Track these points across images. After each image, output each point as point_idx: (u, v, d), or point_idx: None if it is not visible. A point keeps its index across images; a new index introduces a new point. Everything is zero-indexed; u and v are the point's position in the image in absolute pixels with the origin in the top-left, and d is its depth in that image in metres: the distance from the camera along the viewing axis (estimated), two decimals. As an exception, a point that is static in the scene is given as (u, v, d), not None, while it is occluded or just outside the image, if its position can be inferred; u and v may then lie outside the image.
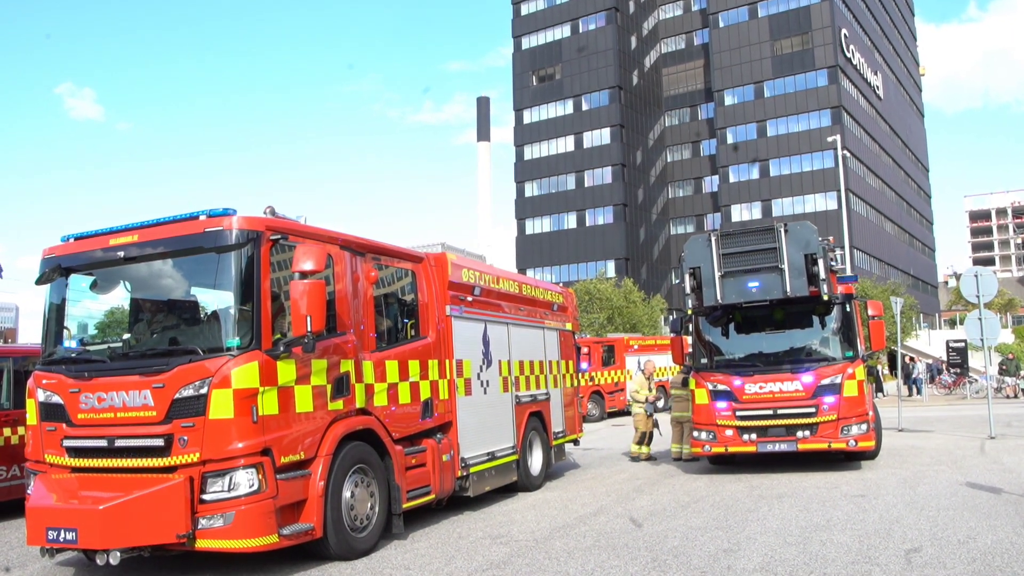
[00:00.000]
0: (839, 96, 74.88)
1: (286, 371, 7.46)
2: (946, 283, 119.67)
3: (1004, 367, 37.53)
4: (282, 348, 7.40)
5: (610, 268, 75.95)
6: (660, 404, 19.41)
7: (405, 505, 8.90)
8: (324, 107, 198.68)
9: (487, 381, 11.25)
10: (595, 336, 36.27)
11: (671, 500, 10.93)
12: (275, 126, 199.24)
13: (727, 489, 11.62)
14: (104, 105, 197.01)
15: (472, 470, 10.51)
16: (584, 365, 27.96)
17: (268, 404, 7.26)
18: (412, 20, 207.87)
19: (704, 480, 12.70)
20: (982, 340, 17.93)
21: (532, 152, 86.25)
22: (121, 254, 7.83)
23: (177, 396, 7.15)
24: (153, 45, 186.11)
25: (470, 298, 10.92)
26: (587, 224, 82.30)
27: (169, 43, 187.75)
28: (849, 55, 78.06)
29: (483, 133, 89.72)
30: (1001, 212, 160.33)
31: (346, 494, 8.05)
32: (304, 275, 7.32)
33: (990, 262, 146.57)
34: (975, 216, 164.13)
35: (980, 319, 17.77)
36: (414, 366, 9.52)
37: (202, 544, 7.01)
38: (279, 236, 7.63)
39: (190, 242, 7.55)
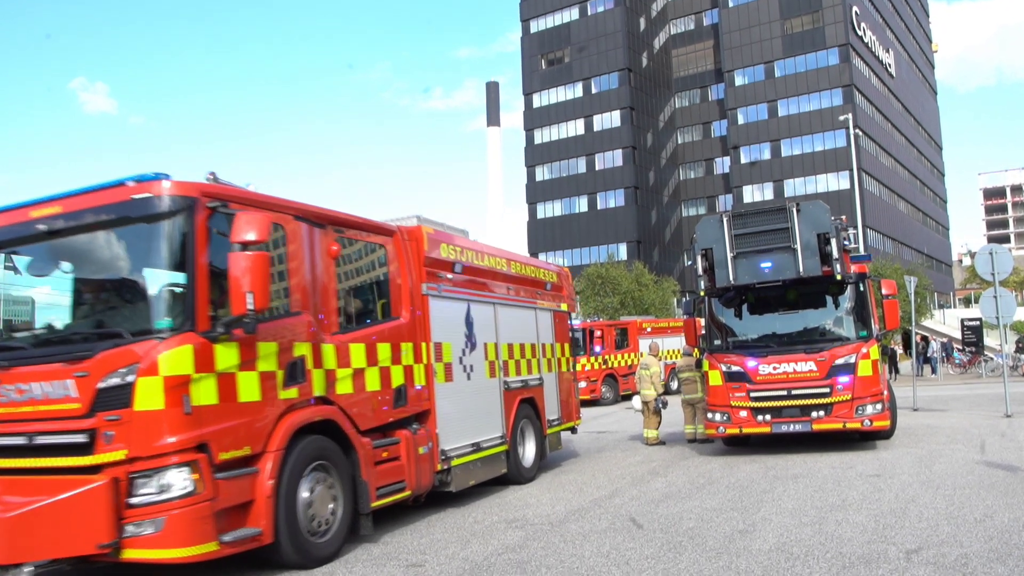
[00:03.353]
0: (851, 75, 74.21)
1: (226, 355, 6.60)
2: (960, 261, 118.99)
3: (1021, 345, 37.33)
4: (221, 329, 6.52)
5: (622, 251, 75.76)
6: (669, 393, 19.23)
7: (374, 503, 8.04)
8: (335, 96, 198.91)
9: (471, 366, 10.43)
10: (608, 320, 36.23)
11: (686, 482, 10.93)
12: (286, 116, 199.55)
13: (742, 470, 11.61)
14: (117, 99, 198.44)
15: (454, 463, 9.66)
16: (597, 348, 28.17)
17: (204, 393, 6.41)
18: (420, 8, 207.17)
19: (719, 461, 12.69)
20: (998, 318, 17.81)
21: (542, 136, 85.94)
22: (43, 227, 6.94)
23: (101, 385, 6.32)
24: (165, 38, 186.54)
25: (450, 276, 10.08)
26: (598, 207, 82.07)
27: (180, 36, 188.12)
28: (860, 33, 77.29)
29: (493, 118, 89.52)
30: (1016, 189, 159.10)
31: (303, 494, 7.18)
32: (246, 246, 6.44)
33: (1005, 240, 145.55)
34: (989, 194, 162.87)
35: (996, 297, 17.66)
36: (384, 350, 8.63)
37: (129, 554, 6.18)
38: (218, 204, 6.72)
39: (117, 211, 6.66)
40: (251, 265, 6.42)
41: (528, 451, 11.90)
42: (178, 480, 6.22)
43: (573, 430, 14.15)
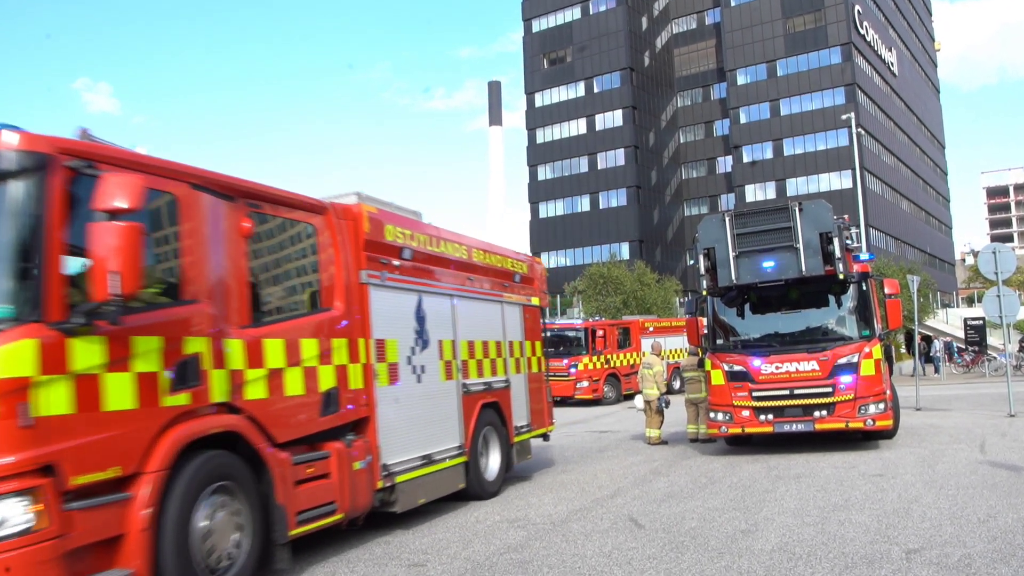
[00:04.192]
0: (853, 74, 74.07)
1: (86, 353, 5.29)
2: (963, 261, 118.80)
3: (1024, 344, 37.26)
4: (80, 320, 5.23)
5: (624, 250, 75.65)
6: (671, 393, 19.16)
7: (294, 531, 6.82)
8: (336, 96, 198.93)
9: (422, 366, 9.19)
10: (610, 319, 36.23)
11: (688, 481, 10.92)
12: (287, 116, 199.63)
13: (744, 470, 11.59)
14: (120, 99, 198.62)
15: (399, 479, 8.46)
16: (600, 347, 28.14)
17: (53, 401, 5.06)
18: (421, 7, 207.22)
19: (721, 461, 12.67)
20: (1001, 317, 17.79)
21: (544, 135, 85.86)
22: None
23: None
24: (166, 39, 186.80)
25: (397, 262, 8.84)
26: (600, 207, 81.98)
27: (181, 36, 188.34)
28: (863, 32, 77.15)
29: (495, 118, 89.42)
30: (1019, 188, 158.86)
31: (198, 523, 5.85)
32: (113, 215, 5.21)
33: (1008, 239, 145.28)
34: (992, 192, 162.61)
35: (999, 296, 17.64)
36: (310, 346, 7.39)
37: None
38: (82, 164, 5.44)
39: None
40: (118, 239, 5.15)
41: (492, 462, 10.79)
42: (12, 513, 4.85)
43: (545, 437, 12.94)
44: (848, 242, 12.85)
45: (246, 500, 6.40)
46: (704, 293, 13.52)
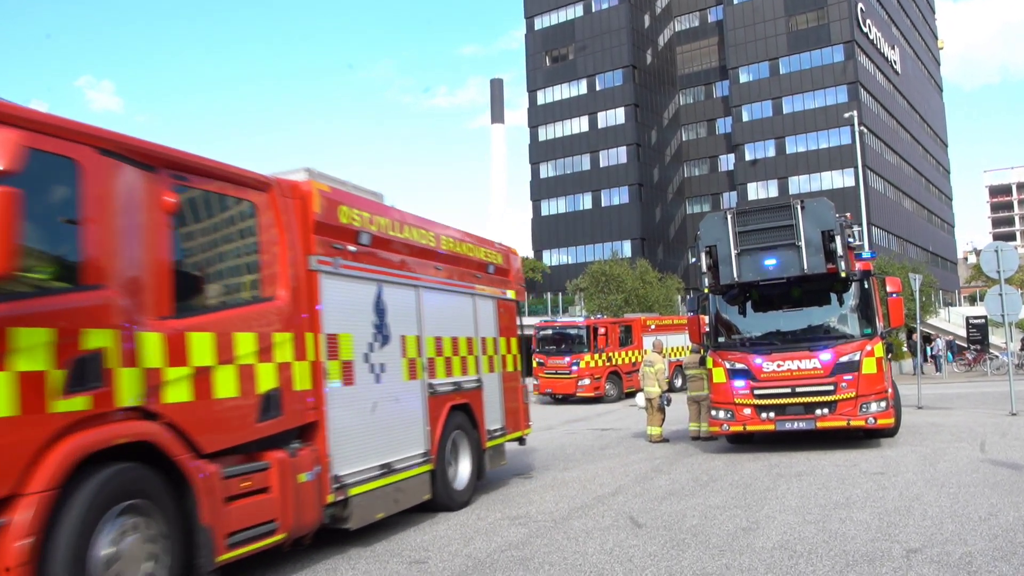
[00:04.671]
0: (856, 72, 73.98)
1: None
2: (965, 259, 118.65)
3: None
4: None
5: (626, 248, 75.63)
6: (672, 391, 19.12)
7: (224, 556, 5.89)
8: (338, 95, 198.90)
9: (381, 365, 8.30)
10: (612, 317, 36.25)
11: (689, 479, 10.92)
12: (289, 114, 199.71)
13: (746, 468, 11.59)
14: (123, 97, 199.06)
15: (354, 491, 7.57)
16: (601, 345, 28.15)
17: None
18: (423, 5, 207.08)
19: (722, 459, 12.67)
20: (1003, 316, 17.79)
21: (546, 133, 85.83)
22: None
23: None
24: (168, 37, 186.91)
25: (352, 248, 7.97)
26: (603, 204, 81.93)
27: (183, 35, 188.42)
28: (866, 30, 77.03)
29: (497, 115, 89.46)
30: (1022, 187, 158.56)
31: (99, 552, 4.93)
32: None
33: (1011, 237, 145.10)
34: (995, 191, 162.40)
35: (1001, 294, 17.64)
36: (246, 341, 6.44)
37: None
38: None
39: None
40: None
41: (461, 470, 9.96)
42: None
43: (521, 441, 12.07)
44: (850, 240, 12.84)
45: (164, 521, 5.43)
46: (706, 291, 13.51)
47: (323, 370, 7.35)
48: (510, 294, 11.86)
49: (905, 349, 38.71)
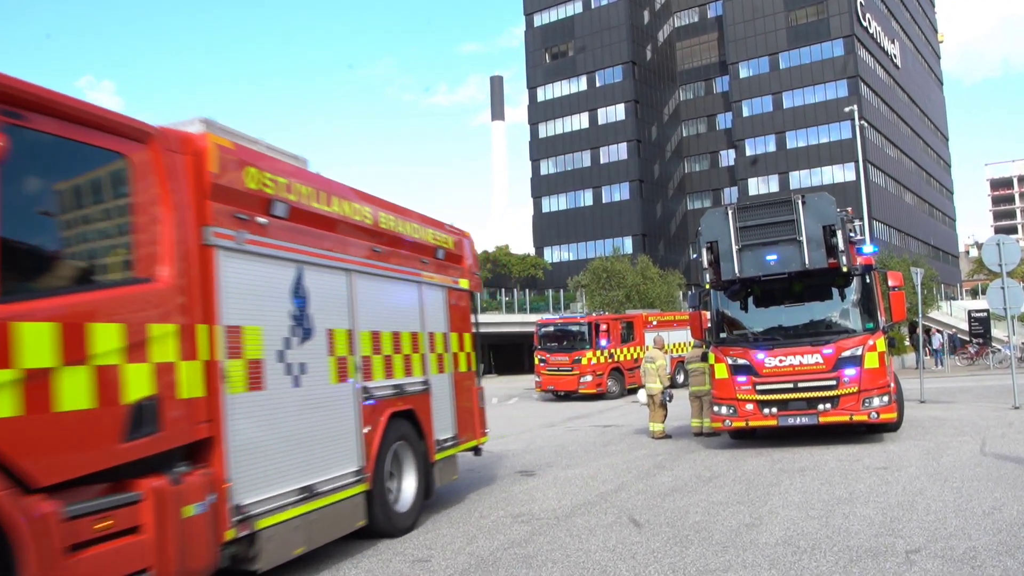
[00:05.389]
0: (856, 66, 73.86)
1: None
2: (967, 253, 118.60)
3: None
4: None
5: (627, 244, 75.61)
6: (674, 387, 19.07)
7: None
8: (339, 93, 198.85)
9: (302, 364, 6.83)
10: (614, 313, 36.24)
11: (692, 475, 10.91)
12: (291, 112, 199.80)
13: (748, 463, 11.58)
14: (124, 96, 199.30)
15: (262, 524, 6.12)
16: (603, 342, 28.15)
17: None
18: (424, 3, 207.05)
19: (725, 455, 12.66)
20: (1005, 309, 17.76)
21: (547, 130, 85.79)
22: None
23: None
24: (170, 36, 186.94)
25: (263, 219, 6.47)
26: (603, 201, 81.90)
27: (184, 33, 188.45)
28: (865, 24, 76.89)
29: (497, 112, 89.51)
30: (1023, 180, 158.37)
31: None
32: None
33: (1012, 230, 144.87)
34: (996, 184, 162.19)
35: (1003, 288, 17.61)
36: (107, 335, 4.96)
37: None
38: None
39: None
40: None
41: (405, 488, 8.65)
42: None
43: (476, 451, 10.76)
44: (851, 235, 12.82)
45: None
46: (707, 287, 13.48)
47: (221, 372, 5.87)
48: (463, 283, 10.55)
49: (908, 343, 38.70)
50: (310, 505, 6.75)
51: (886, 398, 12.41)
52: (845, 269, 12.28)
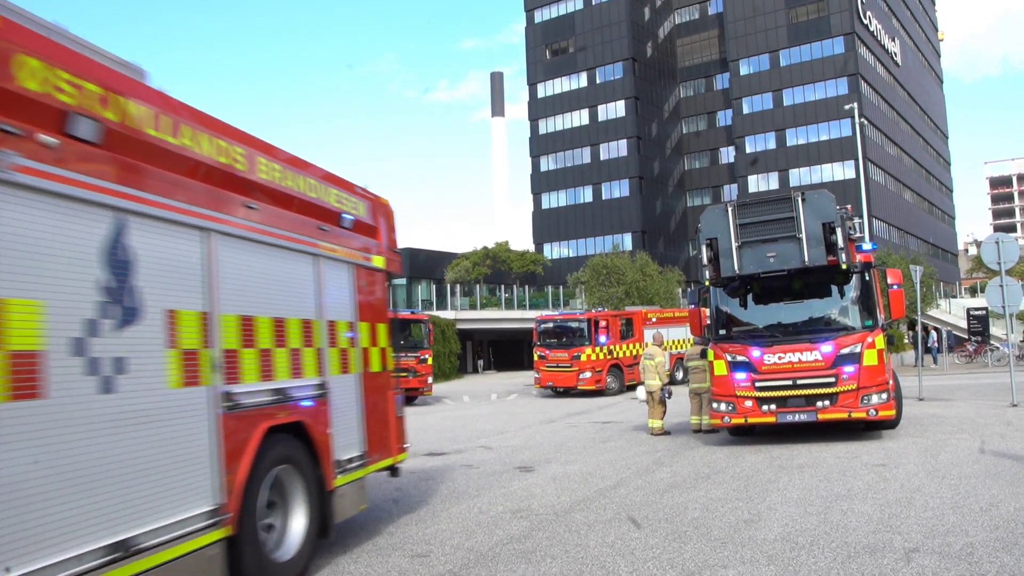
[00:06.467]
0: (856, 64, 73.85)
1: None
2: (966, 251, 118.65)
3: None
4: None
5: (627, 241, 75.66)
6: (673, 384, 19.09)
7: None
8: (340, 90, 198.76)
9: (116, 361, 4.68)
10: (613, 310, 36.26)
11: (691, 472, 10.93)
12: (292, 109, 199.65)
13: (747, 460, 11.60)
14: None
15: None
16: (602, 338, 28.17)
17: None
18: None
19: (724, 451, 12.68)
20: (1004, 307, 17.79)
21: (547, 126, 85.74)
22: None
23: None
24: (170, 35, 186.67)
25: (53, 140, 4.33)
26: (603, 197, 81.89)
27: (185, 32, 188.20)
28: (866, 22, 76.86)
29: (497, 109, 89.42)
30: (1022, 178, 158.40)
31: None
32: None
33: (1011, 229, 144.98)
34: (996, 183, 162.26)
35: (1002, 286, 17.64)
36: None
37: None
38: None
39: None
40: None
41: (292, 529, 6.63)
42: None
43: (393, 471, 8.70)
44: (851, 232, 12.83)
45: None
46: (707, 283, 13.51)
47: None
48: (377, 262, 8.41)
49: (907, 341, 38.73)
50: (125, 569, 4.57)
51: (885, 395, 12.44)
52: (844, 266, 12.31)
